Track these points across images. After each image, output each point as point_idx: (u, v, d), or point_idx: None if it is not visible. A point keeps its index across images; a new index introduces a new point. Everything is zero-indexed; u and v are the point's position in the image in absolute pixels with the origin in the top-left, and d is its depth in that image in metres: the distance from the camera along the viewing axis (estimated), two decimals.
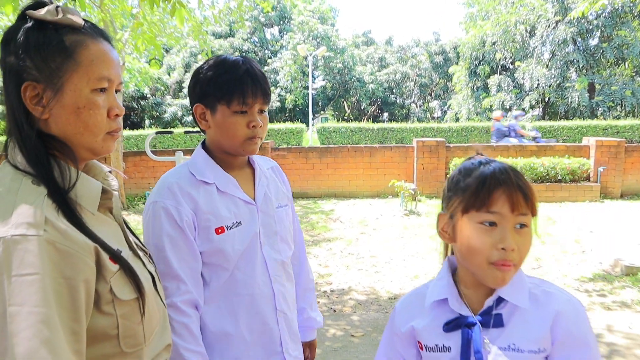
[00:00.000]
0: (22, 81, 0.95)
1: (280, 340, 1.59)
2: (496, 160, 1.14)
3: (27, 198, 0.88)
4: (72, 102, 0.98)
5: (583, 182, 10.77)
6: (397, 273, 5.94)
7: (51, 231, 0.86)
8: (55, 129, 0.99)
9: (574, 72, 25.39)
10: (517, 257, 1.08)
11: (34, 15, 0.96)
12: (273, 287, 1.58)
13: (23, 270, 0.81)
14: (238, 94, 1.48)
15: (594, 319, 4.41)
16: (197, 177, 1.55)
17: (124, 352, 0.99)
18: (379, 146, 11.74)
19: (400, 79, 37.42)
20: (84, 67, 0.99)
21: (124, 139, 15.82)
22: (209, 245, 1.49)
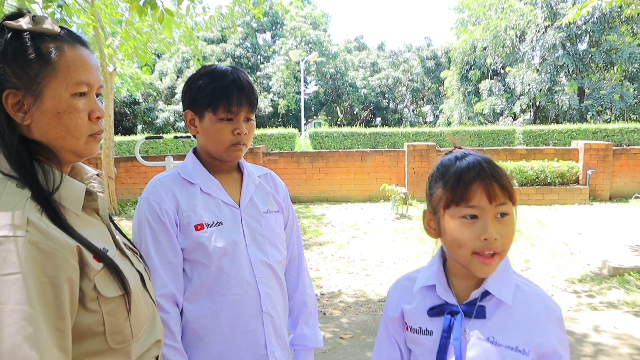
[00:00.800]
0: (3, 89, 0.98)
1: (265, 342, 1.61)
2: (472, 153, 1.17)
3: (11, 201, 0.91)
4: (52, 107, 1.02)
5: (572, 185, 10.87)
6: (388, 276, 5.98)
7: (33, 232, 0.89)
8: (38, 134, 1.02)
9: (563, 76, 25.59)
10: (501, 245, 1.11)
11: (10, 25, 1.00)
12: (259, 288, 1.60)
13: (6, 270, 0.83)
14: (224, 102, 1.54)
15: (582, 319, 4.46)
16: (183, 177, 1.62)
17: (112, 348, 1.01)
18: (370, 150, 11.80)
19: (392, 84, 37.55)
20: (62, 73, 1.02)
21: (115, 145, 15.77)
22: (190, 241, 1.54)
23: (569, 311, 4.72)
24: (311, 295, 1.88)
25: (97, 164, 12.02)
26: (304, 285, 1.87)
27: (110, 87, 11.00)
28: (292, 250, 1.86)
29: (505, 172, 1.13)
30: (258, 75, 35.21)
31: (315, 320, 1.88)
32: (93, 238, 1.02)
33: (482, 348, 1.12)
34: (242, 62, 35.53)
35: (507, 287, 1.15)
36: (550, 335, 1.10)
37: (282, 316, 1.71)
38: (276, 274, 1.68)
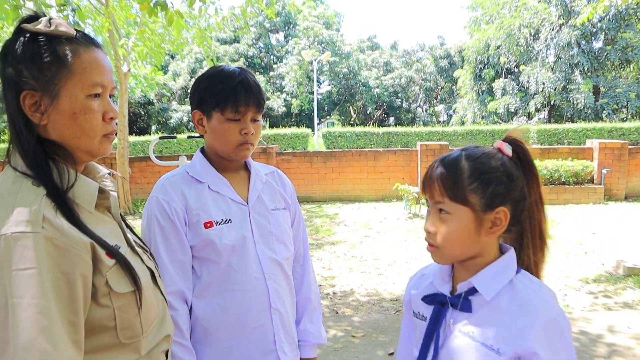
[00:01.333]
0: (21, 90, 1.01)
1: (274, 338, 1.63)
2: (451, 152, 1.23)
3: (27, 198, 0.95)
4: (68, 107, 1.05)
5: (587, 185, 10.76)
6: (400, 275, 5.98)
7: (49, 228, 0.92)
8: (54, 134, 1.06)
9: (578, 75, 25.34)
10: (435, 239, 1.17)
11: (28, 28, 1.03)
12: (267, 284, 1.62)
13: (22, 264, 0.87)
14: (232, 102, 1.57)
15: (596, 319, 4.43)
16: (191, 175, 1.65)
17: (122, 343, 1.04)
18: (383, 150, 11.78)
19: (405, 83, 37.44)
20: (78, 75, 1.06)
21: (130, 145, 15.89)
22: (199, 239, 1.57)
23: (583, 311, 4.70)
24: (315, 292, 1.91)
25: (112, 163, 12.15)
26: (309, 282, 1.90)
27: (124, 87, 11.11)
28: (298, 247, 1.89)
29: (449, 174, 1.15)
30: (271, 75, 35.30)
31: (318, 317, 1.90)
32: (105, 235, 1.05)
33: (461, 341, 1.15)
34: (255, 62, 35.66)
35: (495, 284, 1.16)
36: (529, 337, 1.07)
37: (290, 312, 1.73)
38: (284, 270, 1.71)
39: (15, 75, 1.01)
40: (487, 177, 1.13)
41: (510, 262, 1.18)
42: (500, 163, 1.15)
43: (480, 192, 1.13)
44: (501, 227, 1.15)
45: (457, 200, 1.15)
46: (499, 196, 1.14)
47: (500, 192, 1.14)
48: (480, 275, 1.17)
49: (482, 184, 1.13)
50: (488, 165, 1.14)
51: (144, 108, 30.27)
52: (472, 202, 1.13)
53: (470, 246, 1.17)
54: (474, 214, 1.14)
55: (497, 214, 1.14)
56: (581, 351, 3.80)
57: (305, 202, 11.37)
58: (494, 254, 1.20)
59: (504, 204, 1.14)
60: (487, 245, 1.18)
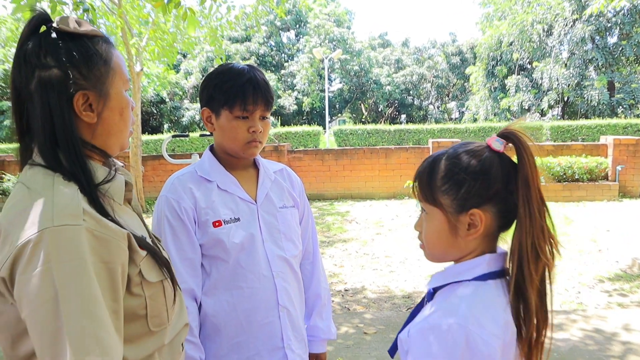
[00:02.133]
0: (70, 92, 1.03)
1: (281, 335, 1.64)
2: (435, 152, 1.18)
3: (64, 192, 0.97)
4: (117, 104, 1.11)
5: (601, 181, 10.66)
6: (412, 272, 5.97)
7: (89, 220, 0.94)
8: (101, 131, 1.09)
9: (592, 70, 25.07)
10: (421, 238, 1.17)
11: (65, 29, 1.04)
12: (275, 282, 1.64)
13: (68, 257, 0.89)
14: (240, 100, 1.58)
15: (611, 317, 4.39)
16: (200, 174, 1.67)
17: (151, 331, 1.08)
18: (394, 147, 11.75)
19: (417, 81, 37.32)
20: (118, 72, 1.11)
21: (142, 143, 16.00)
22: (208, 237, 1.59)
23: (597, 309, 4.66)
24: (325, 288, 1.92)
25: (125, 162, 12.25)
26: (319, 278, 1.91)
27: (137, 86, 11.18)
28: (307, 244, 1.90)
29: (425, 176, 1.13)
30: (282, 74, 35.36)
31: (328, 313, 1.91)
32: (133, 226, 1.09)
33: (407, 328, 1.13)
34: (267, 60, 35.74)
35: (438, 280, 1.15)
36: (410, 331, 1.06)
37: (298, 309, 1.74)
38: (292, 268, 1.72)
39: (62, 77, 1.01)
40: (459, 178, 1.07)
41: (474, 266, 1.10)
42: (479, 161, 1.06)
43: (452, 194, 1.08)
44: (478, 230, 1.07)
45: (429, 202, 1.12)
46: (472, 198, 1.06)
47: (474, 193, 1.06)
48: (444, 270, 1.15)
49: (454, 186, 1.07)
50: (462, 164, 1.07)
51: (157, 107, 30.46)
52: (444, 204, 1.09)
53: (450, 247, 1.12)
54: (446, 216, 1.09)
55: (471, 216, 1.06)
56: (595, 349, 3.77)
57: (317, 200, 11.38)
58: (480, 255, 1.12)
59: (480, 205, 1.06)
60: (471, 247, 1.11)
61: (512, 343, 1.03)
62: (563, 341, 3.91)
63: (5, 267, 0.89)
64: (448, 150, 1.13)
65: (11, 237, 0.91)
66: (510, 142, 1.07)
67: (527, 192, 1.03)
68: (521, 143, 1.05)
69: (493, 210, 1.07)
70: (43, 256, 0.88)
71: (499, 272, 1.09)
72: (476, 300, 1.03)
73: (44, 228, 0.89)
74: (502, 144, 1.07)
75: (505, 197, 1.06)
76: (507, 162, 1.07)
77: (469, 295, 1.04)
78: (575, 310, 4.63)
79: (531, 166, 1.04)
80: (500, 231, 1.12)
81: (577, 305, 4.79)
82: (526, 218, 1.03)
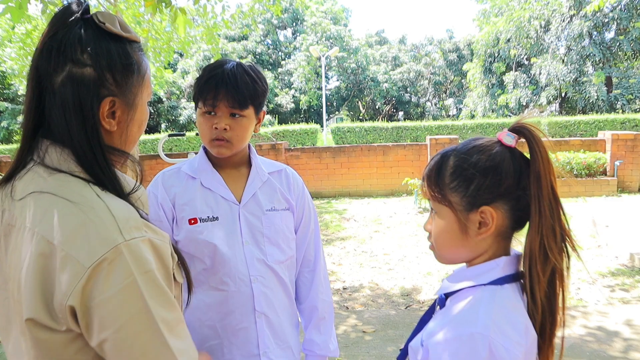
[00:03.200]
0: (100, 95, 0.96)
1: (257, 342, 1.58)
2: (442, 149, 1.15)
3: (117, 204, 0.92)
4: (140, 116, 1.06)
5: (599, 177, 10.64)
6: (410, 270, 5.94)
7: (148, 231, 0.94)
8: (117, 141, 1.04)
9: (590, 66, 25.07)
10: (431, 239, 1.13)
11: (110, 29, 0.97)
12: (252, 286, 1.58)
13: (144, 267, 0.88)
14: (205, 94, 1.54)
15: (612, 313, 4.36)
16: (185, 171, 1.64)
17: None
18: (392, 145, 11.72)
19: (414, 78, 37.29)
20: (147, 84, 1.06)
21: (139, 143, 15.93)
22: (184, 234, 1.56)
23: (598, 304, 4.63)
24: (325, 300, 1.80)
25: None
26: (317, 289, 1.79)
27: None
28: (307, 251, 1.79)
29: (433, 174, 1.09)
30: (279, 72, 35.32)
31: (327, 327, 1.80)
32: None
33: (418, 336, 1.11)
34: (264, 59, 35.68)
35: (451, 285, 1.10)
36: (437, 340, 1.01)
37: (283, 317, 1.66)
38: (276, 274, 1.64)
39: (96, 78, 0.94)
40: (468, 174, 1.03)
41: (488, 269, 1.06)
42: (489, 156, 1.03)
43: (462, 191, 1.04)
44: (489, 228, 1.02)
45: (438, 200, 1.08)
46: (482, 194, 1.02)
47: (484, 190, 1.02)
48: (455, 274, 1.11)
49: (463, 182, 1.03)
50: (471, 160, 1.03)
51: (154, 106, 30.40)
52: (453, 201, 1.05)
53: (460, 248, 1.08)
54: (455, 214, 1.05)
55: (482, 214, 1.02)
56: (596, 346, 3.74)
57: (315, 198, 11.34)
58: (493, 257, 1.07)
59: (491, 202, 1.02)
60: (483, 247, 1.07)
61: (534, 347, 1.00)
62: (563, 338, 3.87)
63: (75, 293, 0.82)
64: (457, 146, 1.09)
65: (74, 257, 0.83)
66: (522, 137, 1.03)
67: (539, 189, 0.99)
68: (534, 137, 1.01)
69: (505, 208, 1.03)
70: (125, 271, 0.85)
71: (514, 275, 1.05)
72: (495, 307, 0.98)
73: (117, 244, 0.85)
74: (514, 138, 1.03)
75: (517, 193, 1.02)
76: (518, 157, 1.03)
77: (487, 301, 1.00)
78: (576, 306, 4.60)
79: (544, 162, 1.00)
80: (514, 231, 1.07)
81: (577, 301, 4.76)
82: (536, 215, 0.99)
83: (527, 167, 1.02)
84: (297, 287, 1.78)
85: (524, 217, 1.04)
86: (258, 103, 1.59)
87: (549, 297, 1.01)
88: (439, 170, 1.08)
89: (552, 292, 1.02)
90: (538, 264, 0.99)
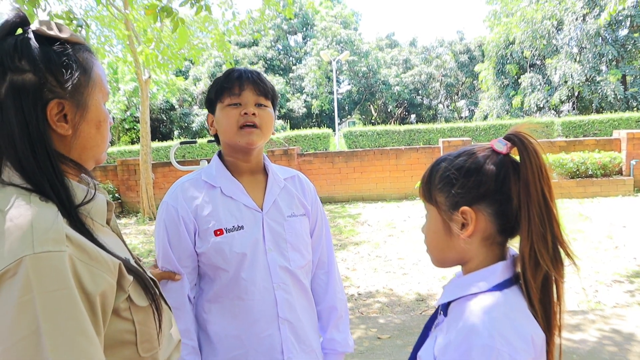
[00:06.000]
0: (44, 99, 0.94)
1: (281, 348, 1.60)
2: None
3: (44, 214, 0.88)
4: (95, 117, 1.02)
5: (615, 177, 10.51)
6: (425, 275, 5.90)
7: (71, 247, 0.86)
8: (75, 145, 1.01)
9: (605, 64, 24.78)
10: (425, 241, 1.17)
11: (45, 32, 0.97)
12: (275, 294, 1.60)
13: (53, 285, 0.81)
14: (227, 88, 1.60)
15: (630, 316, 4.29)
16: (205, 179, 1.64)
17: (142, 357, 1.01)
18: (405, 148, 11.69)
19: (425, 80, 37.12)
20: (98, 84, 1.03)
21: (152, 151, 16.05)
22: (209, 246, 1.56)
23: (616, 307, 4.56)
24: (342, 299, 1.85)
25: (135, 170, 12.30)
26: (334, 290, 1.83)
27: (145, 94, 11.23)
28: (322, 254, 1.83)
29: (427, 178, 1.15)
30: (290, 77, 35.40)
31: (345, 325, 1.85)
32: (116, 249, 1.00)
33: (428, 343, 1.13)
34: (275, 64, 35.79)
35: (452, 293, 1.11)
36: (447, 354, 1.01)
37: (305, 321, 1.68)
38: (297, 279, 1.67)
39: (37, 82, 0.93)
40: (451, 176, 1.08)
41: (486, 276, 1.06)
42: (474, 160, 1.06)
43: (446, 192, 1.09)
44: (468, 229, 1.05)
45: (427, 200, 1.14)
46: (464, 196, 1.06)
47: (466, 191, 1.05)
48: (453, 282, 1.13)
49: (448, 183, 1.09)
50: (458, 163, 1.08)
51: (167, 114, 30.59)
52: (439, 201, 1.11)
53: (446, 249, 1.11)
54: (440, 214, 1.10)
55: (463, 214, 1.05)
56: (615, 350, 3.69)
57: (328, 203, 11.33)
58: (484, 262, 1.08)
59: (471, 203, 1.05)
60: (470, 251, 1.08)
61: (543, 349, 1.00)
62: (582, 342, 3.82)
63: None
64: (453, 152, 1.14)
65: None
66: (514, 144, 1.05)
67: (527, 196, 1.01)
68: (524, 146, 1.03)
69: (487, 211, 1.05)
70: (22, 286, 0.78)
71: (513, 278, 1.06)
72: (498, 315, 0.98)
73: (23, 255, 0.80)
74: (505, 145, 1.06)
75: (500, 198, 1.04)
76: (505, 163, 1.05)
77: (489, 309, 1.00)
78: (594, 309, 4.54)
79: (533, 170, 1.01)
80: (506, 236, 1.08)
81: (595, 304, 4.70)
82: (525, 222, 1.01)
83: (515, 173, 1.03)
84: (312, 290, 1.81)
85: (512, 223, 1.05)
86: (275, 101, 1.68)
87: (543, 303, 1.02)
88: (431, 173, 1.14)
89: (545, 298, 1.03)
90: (529, 270, 1.01)
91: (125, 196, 12.54)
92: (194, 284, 1.62)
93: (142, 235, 9.55)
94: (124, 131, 29.57)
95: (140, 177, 11.58)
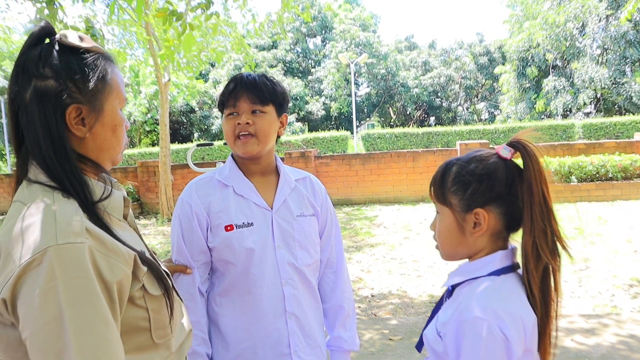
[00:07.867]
0: (64, 104, 1.03)
1: (288, 342, 1.65)
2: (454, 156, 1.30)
3: (66, 209, 0.97)
4: (110, 121, 1.11)
5: (636, 180, 10.35)
6: (439, 277, 5.89)
7: (91, 239, 0.95)
8: (91, 146, 1.10)
9: (630, 66, 24.39)
10: (436, 238, 1.29)
11: (68, 42, 1.06)
12: (283, 289, 1.66)
13: (74, 274, 0.89)
14: (225, 98, 1.67)
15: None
16: (218, 179, 1.71)
17: (156, 343, 1.08)
18: (422, 150, 11.66)
19: (445, 82, 36.93)
20: (115, 90, 1.12)
21: (172, 153, 16.22)
22: (219, 241, 1.63)
23: (633, 312, 4.51)
24: (349, 299, 1.89)
25: (155, 171, 12.47)
26: (342, 289, 1.88)
27: (165, 97, 11.38)
28: (331, 254, 1.88)
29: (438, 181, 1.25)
30: (309, 80, 35.52)
31: (352, 323, 1.89)
32: (132, 242, 1.08)
33: (431, 324, 1.26)
34: (294, 67, 35.95)
35: (457, 277, 1.24)
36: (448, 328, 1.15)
37: (311, 317, 1.74)
38: (304, 276, 1.72)
39: (58, 88, 1.02)
40: (466, 180, 1.19)
41: (487, 263, 1.20)
42: (484, 166, 1.18)
43: (460, 194, 1.20)
44: (482, 228, 1.18)
45: (441, 202, 1.25)
46: (477, 198, 1.18)
47: (479, 194, 1.18)
48: (458, 268, 1.25)
49: (461, 187, 1.20)
50: (470, 168, 1.19)
51: (186, 116, 30.92)
52: (453, 203, 1.22)
53: (459, 245, 1.23)
54: (454, 215, 1.22)
55: (476, 215, 1.18)
56: (629, 355, 3.65)
57: (345, 205, 11.36)
58: (490, 254, 1.22)
59: (484, 205, 1.18)
60: (480, 245, 1.22)
61: (534, 333, 1.12)
62: (594, 347, 3.79)
63: (6, 288, 0.88)
64: (461, 156, 1.26)
65: (13, 256, 0.90)
66: (517, 151, 1.18)
67: (530, 197, 1.14)
68: (526, 152, 1.15)
69: (497, 211, 1.18)
70: (47, 274, 0.87)
71: (511, 266, 1.20)
72: (492, 294, 1.13)
73: (47, 246, 0.88)
74: (509, 151, 1.18)
75: (508, 199, 1.17)
76: (512, 168, 1.19)
77: (485, 289, 1.15)
78: (609, 314, 4.49)
79: (535, 173, 1.14)
80: (510, 232, 1.23)
81: (610, 309, 4.65)
82: (528, 219, 1.13)
83: (519, 176, 1.17)
84: (320, 288, 1.86)
85: (517, 221, 1.19)
86: (278, 103, 1.69)
87: (543, 292, 1.15)
88: (443, 176, 1.25)
89: (545, 287, 1.16)
90: (531, 262, 1.14)
91: (144, 197, 12.72)
92: (205, 278, 1.67)
93: (160, 236, 9.68)
94: (144, 133, 29.98)
95: (160, 179, 11.73)
